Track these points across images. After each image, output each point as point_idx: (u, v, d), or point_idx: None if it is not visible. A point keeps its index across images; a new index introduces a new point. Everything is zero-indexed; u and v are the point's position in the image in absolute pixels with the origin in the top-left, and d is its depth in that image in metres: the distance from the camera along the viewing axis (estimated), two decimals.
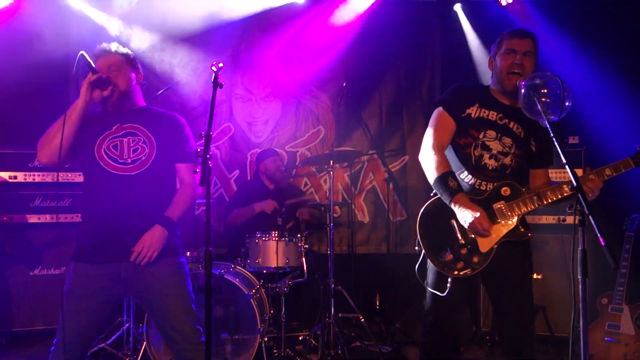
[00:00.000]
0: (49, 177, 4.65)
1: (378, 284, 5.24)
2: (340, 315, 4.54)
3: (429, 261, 2.69)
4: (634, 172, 4.66)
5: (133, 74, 2.69)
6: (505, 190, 2.62)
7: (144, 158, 2.57)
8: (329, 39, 5.44)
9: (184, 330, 2.55)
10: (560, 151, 2.33)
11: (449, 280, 2.57)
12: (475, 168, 2.67)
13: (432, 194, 2.75)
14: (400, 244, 5.49)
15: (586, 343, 2.39)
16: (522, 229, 2.60)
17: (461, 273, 2.57)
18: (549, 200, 2.60)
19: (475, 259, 2.58)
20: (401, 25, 5.46)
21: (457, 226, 2.61)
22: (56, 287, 4.58)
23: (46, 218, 4.68)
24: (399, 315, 4.68)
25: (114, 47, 2.68)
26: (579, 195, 2.24)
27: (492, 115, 2.71)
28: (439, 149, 2.67)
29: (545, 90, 2.49)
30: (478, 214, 2.49)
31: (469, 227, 2.54)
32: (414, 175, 5.47)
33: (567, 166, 2.30)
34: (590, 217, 2.15)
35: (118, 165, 2.54)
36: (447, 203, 2.57)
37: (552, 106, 2.48)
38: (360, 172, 5.58)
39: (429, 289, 2.70)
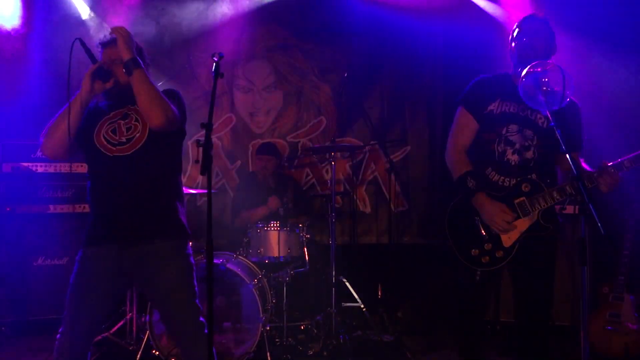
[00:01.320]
0: (51, 168, 4.66)
1: (379, 274, 5.25)
2: (342, 304, 4.57)
3: (458, 256, 2.78)
4: None
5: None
6: (526, 186, 2.66)
7: (137, 135, 2.53)
8: (331, 29, 5.43)
9: (186, 324, 2.55)
10: (561, 141, 2.33)
11: (478, 273, 2.69)
12: (498, 164, 2.71)
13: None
14: (402, 234, 5.50)
15: (586, 332, 2.40)
16: (543, 223, 2.64)
17: (486, 267, 2.68)
18: (568, 194, 2.59)
19: (499, 254, 2.67)
20: (403, 14, 5.44)
21: (481, 223, 2.70)
22: (59, 277, 4.60)
23: (49, 209, 4.70)
24: (400, 305, 4.70)
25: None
26: (579, 184, 2.24)
27: (514, 107, 2.72)
28: (458, 150, 2.78)
29: (546, 79, 2.49)
30: (498, 211, 2.61)
31: (490, 223, 2.65)
32: (416, 166, 5.48)
33: (567, 155, 2.30)
34: (590, 205, 2.15)
35: (114, 147, 2.52)
36: (469, 202, 2.70)
37: (552, 95, 2.48)
38: (362, 162, 5.58)
39: (460, 280, 2.82)
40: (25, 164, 4.62)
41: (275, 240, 4.10)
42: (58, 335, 2.47)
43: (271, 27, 5.57)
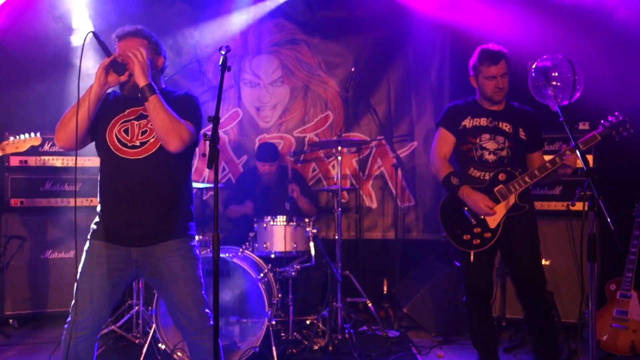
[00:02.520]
0: (58, 162, 4.68)
1: (385, 269, 5.25)
2: (347, 299, 4.57)
3: (453, 243, 3.25)
4: None
5: (154, 58, 2.62)
6: (502, 176, 3.15)
7: (152, 140, 2.54)
8: (338, 24, 5.41)
9: (192, 316, 2.56)
10: (570, 136, 2.32)
11: (471, 254, 3.16)
12: (478, 164, 3.21)
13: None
14: (408, 230, 5.49)
15: (594, 328, 2.39)
16: (520, 203, 3.13)
17: (478, 249, 3.15)
18: (538, 176, 3.09)
19: (487, 235, 3.15)
20: (410, 10, 5.41)
21: (469, 211, 3.18)
22: (66, 270, 4.63)
23: (57, 202, 4.72)
24: (406, 300, 4.68)
25: (134, 30, 2.61)
26: (589, 180, 2.23)
27: (483, 121, 3.23)
28: (440, 158, 3.30)
29: (556, 74, 2.48)
30: (481, 198, 3.10)
31: (476, 210, 3.13)
32: (423, 161, 5.45)
33: (577, 151, 2.28)
34: (600, 201, 2.14)
35: (127, 150, 2.53)
36: (456, 196, 3.18)
37: (562, 90, 2.46)
38: (369, 157, 5.57)
39: (458, 264, 3.31)
40: (33, 157, 4.64)
41: (281, 235, 4.10)
42: (66, 325, 2.49)
43: (278, 21, 5.55)
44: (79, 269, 2.52)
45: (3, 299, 4.58)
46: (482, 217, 3.14)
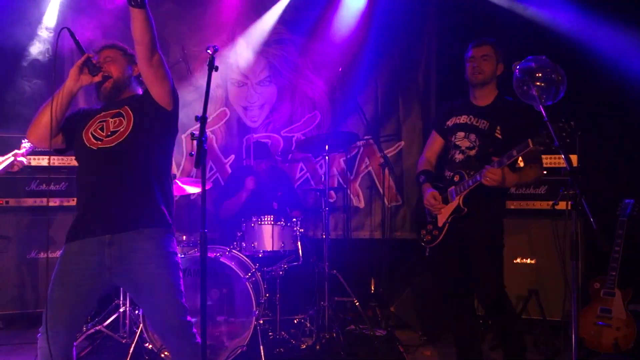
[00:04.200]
0: (44, 161, 4.65)
1: (373, 269, 5.27)
2: (335, 299, 4.58)
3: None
4: (627, 157, 4.71)
5: (129, 66, 2.69)
6: (456, 177, 3.16)
7: (122, 129, 2.55)
8: (326, 24, 5.43)
9: (173, 325, 2.50)
10: (554, 135, 2.35)
11: (427, 249, 3.29)
12: (449, 163, 3.25)
13: None
14: (395, 229, 5.52)
15: (577, 326, 2.42)
16: (461, 206, 3.10)
17: (428, 244, 3.26)
18: (479, 181, 3.00)
19: (436, 232, 3.23)
20: (398, 11, 5.44)
21: (427, 208, 3.28)
22: (51, 270, 4.59)
23: (42, 202, 4.69)
24: (393, 300, 4.71)
25: (110, 44, 2.71)
26: (572, 179, 2.26)
27: (464, 118, 3.20)
28: (423, 158, 3.42)
29: (540, 75, 2.51)
30: (429, 196, 3.20)
31: (426, 206, 3.25)
32: (410, 161, 5.48)
33: (561, 151, 2.31)
34: (583, 200, 2.17)
35: (97, 142, 2.54)
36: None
37: (546, 90, 2.49)
38: (356, 157, 5.59)
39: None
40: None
41: (269, 234, 4.10)
42: (38, 335, 2.45)
43: (267, 21, 5.55)
44: (52, 276, 2.49)
45: None
46: (435, 214, 3.22)
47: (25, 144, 3.99)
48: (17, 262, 4.63)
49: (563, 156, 2.32)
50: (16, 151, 3.96)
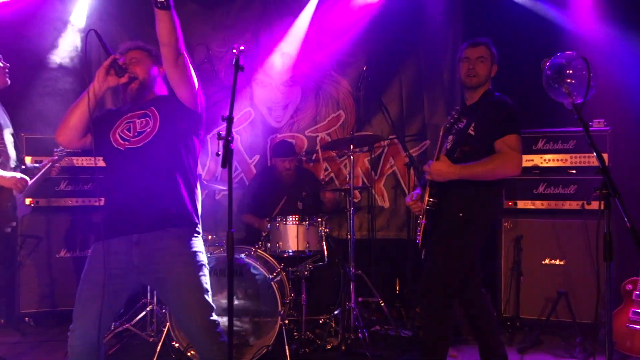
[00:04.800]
0: (73, 162, 4.71)
1: (398, 269, 5.23)
2: (360, 299, 4.55)
3: None
4: None
5: (155, 67, 2.72)
6: (427, 175, 3.15)
7: (148, 130, 2.58)
8: (349, 23, 5.41)
9: (197, 323, 2.53)
10: (587, 134, 2.29)
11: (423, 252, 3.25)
12: None
13: None
14: None
15: (610, 329, 2.36)
16: (427, 205, 3.13)
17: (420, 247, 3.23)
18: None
19: (419, 232, 3.21)
20: (424, 11, 5.39)
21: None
22: (80, 269, 4.66)
23: (71, 202, 4.76)
24: (418, 300, 4.66)
25: (135, 45, 2.75)
26: (605, 178, 2.21)
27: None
28: None
29: (570, 71, 2.46)
30: (410, 194, 3.37)
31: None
32: None
33: (593, 149, 2.26)
34: (617, 199, 2.11)
35: (125, 142, 2.58)
36: None
37: (577, 87, 2.44)
38: (381, 157, 5.55)
39: None
40: (48, 157, 4.68)
41: (294, 235, 4.10)
42: (69, 333, 2.49)
43: (289, 20, 5.55)
44: (82, 275, 2.53)
45: (19, 298, 4.63)
46: (417, 214, 3.30)
47: (61, 153, 4.06)
48: (47, 261, 4.71)
49: (595, 154, 2.26)
50: (52, 158, 4.06)
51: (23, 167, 3.89)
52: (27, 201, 4.56)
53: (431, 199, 3.11)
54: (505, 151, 3.02)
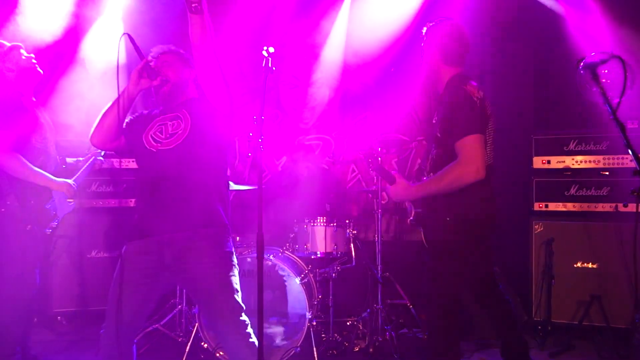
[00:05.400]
0: (105, 164, 4.78)
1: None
2: (388, 301, 4.53)
3: None
4: None
5: (186, 69, 2.75)
6: None
7: (180, 132, 2.61)
8: (378, 24, 5.39)
9: (228, 324, 2.54)
10: (623, 135, 2.24)
11: None
12: None
13: None
14: None
15: None
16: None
17: None
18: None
19: None
20: (453, 12, 5.33)
21: None
22: (111, 269, 4.73)
23: (102, 203, 4.83)
24: None
25: (167, 49, 2.79)
26: None
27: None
28: None
29: (606, 71, 2.40)
30: None
31: None
32: None
33: (629, 150, 2.21)
34: None
35: (157, 144, 2.61)
36: None
37: (612, 87, 2.38)
38: (409, 158, 5.52)
39: None
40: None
41: (322, 236, 4.10)
42: (102, 331, 2.53)
43: (318, 22, 5.55)
44: (114, 276, 2.56)
45: (51, 297, 4.72)
46: None
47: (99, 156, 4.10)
48: (79, 261, 4.79)
49: (632, 156, 2.21)
50: (95, 152, 4.06)
51: (64, 166, 3.90)
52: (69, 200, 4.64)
53: (416, 210, 2.95)
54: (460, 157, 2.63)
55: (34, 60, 3.51)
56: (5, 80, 3.42)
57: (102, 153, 4.04)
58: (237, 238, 4.11)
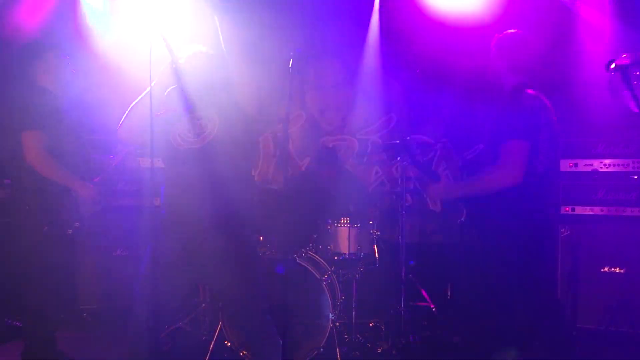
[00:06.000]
0: (131, 162, 4.85)
1: (450, 274, 5.15)
2: (411, 304, 4.51)
3: None
4: None
5: (214, 69, 2.76)
6: None
7: (207, 131, 2.64)
8: (403, 26, 5.37)
9: (252, 323, 2.57)
10: None
11: None
12: None
13: None
14: None
15: None
16: None
17: None
18: None
19: None
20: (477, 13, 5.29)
21: None
22: (135, 268, 4.78)
23: (128, 201, 4.89)
24: (470, 306, 4.58)
25: (198, 47, 2.81)
26: None
27: None
28: None
29: (638, 73, 2.36)
30: None
31: None
32: (488, 165, 5.31)
33: None
34: None
35: (184, 142, 2.64)
36: None
37: None
38: (433, 159, 5.48)
39: None
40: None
41: (345, 237, 4.09)
42: (127, 328, 2.56)
43: (341, 24, 5.55)
44: (140, 270, 2.60)
45: (77, 294, 4.78)
46: None
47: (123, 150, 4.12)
48: (104, 259, 4.85)
49: None
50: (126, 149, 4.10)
51: (93, 164, 3.91)
52: None
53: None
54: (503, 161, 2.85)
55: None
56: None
57: (133, 149, 4.06)
58: (261, 238, 4.12)
